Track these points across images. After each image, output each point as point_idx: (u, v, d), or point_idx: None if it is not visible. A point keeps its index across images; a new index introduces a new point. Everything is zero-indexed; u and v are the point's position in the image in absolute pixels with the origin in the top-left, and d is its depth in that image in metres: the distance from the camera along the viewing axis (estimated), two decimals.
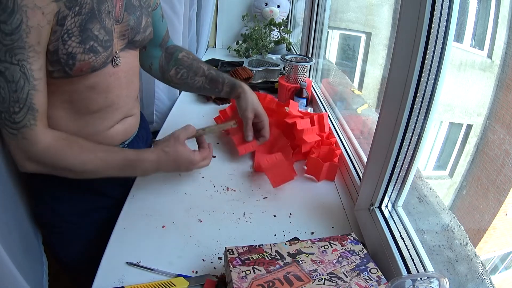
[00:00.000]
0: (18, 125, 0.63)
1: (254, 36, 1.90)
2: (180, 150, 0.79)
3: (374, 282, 0.56)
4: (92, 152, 0.71)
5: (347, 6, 1.78)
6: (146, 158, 0.77)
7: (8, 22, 0.57)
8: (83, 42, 0.66)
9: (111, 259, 0.66)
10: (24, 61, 0.60)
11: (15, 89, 0.61)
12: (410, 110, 0.62)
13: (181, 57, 1.00)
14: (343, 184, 0.95)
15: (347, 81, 1.52)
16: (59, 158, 0.68)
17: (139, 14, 0.79)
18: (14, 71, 0.60)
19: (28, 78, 0.61)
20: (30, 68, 0.61)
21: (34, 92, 0.63)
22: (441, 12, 0.55)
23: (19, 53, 0.59)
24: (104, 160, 0.72)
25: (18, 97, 0.61)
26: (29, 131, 0.64)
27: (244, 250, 0.61)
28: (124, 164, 0.74)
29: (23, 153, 0.66)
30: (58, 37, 0.63)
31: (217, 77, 1.00)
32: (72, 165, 0.69)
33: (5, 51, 0.58)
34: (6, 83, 0.60)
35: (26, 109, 0.63)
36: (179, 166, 0.80)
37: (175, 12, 1.33)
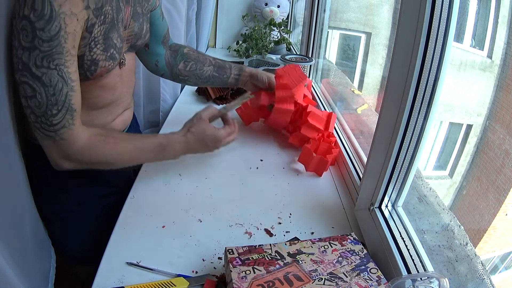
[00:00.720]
0: (56, 127, 0.65)
1: (254, 36, 1.90)
2: (205, 128, 0.84)
3: (374, 282, 0.56)
4: (128, 142, 0.75)
5: (347, 6, 1.78)
6: (175, 140, 0.81)
7: (46, 29, 0.58)
8: (106, 50, 0.70)
9: (111, 259, 0.66)
10: (61, 65, 0.62)
11: (53, 92, 0.62)
12: (410, 110, 0.62)
13: (187, 51, 1.05)
14: (343, 184, 0.95)
15: (347, 81, 1.52)
16: (97, 154, 0.71)
17: (142, 21, 0.84)
18: (52, 76, 0.61)
19: (66, 80, 0.63)
20: (67, 71, 0.63)
21: (72, 93, 0.65)
22: (441, 12, 0.55)
23: (57, 58, 0.61)
24: (139, 148, 0.77)
25: (56, 99, 0.63)
26: (67, 132, 0.66)
27: (244, 250, 0.61)
28: (157, 149, 0.79)
29: (60, 153, 0.68)
30: (86, 44, 0.66)
31: (224, 64, 1.07)
32: (110, 158, 0.73)
33: (42, 57, 0.59)
34: (43, 88, 0.61)
35: (65, 110, 0.65)
36: (207, 143, 0.84)
37: (178, 11, 1.33)
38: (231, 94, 1.41)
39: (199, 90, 1.45)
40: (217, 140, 0.85)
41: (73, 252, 0.93)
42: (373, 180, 0.72)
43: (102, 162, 0.73)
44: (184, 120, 1.07)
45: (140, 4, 0.83)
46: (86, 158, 0.70)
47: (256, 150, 1.07)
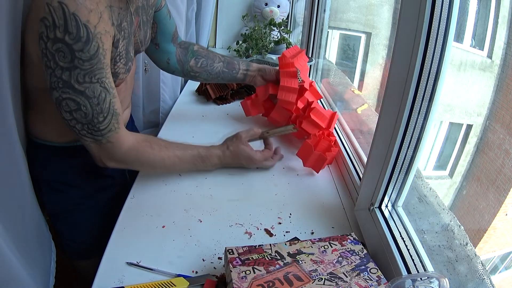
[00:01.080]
0: (104, 131, 0.69)
1: (254, 36, 1.90)
2: (241, 148, 0.89)
3: (374, 282, 0.56)
4: (170, 150, 0.80)
5: (347, 6, 1.78)
6: (214, 153, 0.87)
7: (85, 49, 0.61)
8: (126, 63, 0.74)
9: (111, 259, 0.66)
10: (103, 77, 0.65)
11: (97, 102, 0.66)
12: (410, 110, 0.62)
13: (197, 49, 1.09)
14: (343, 184, 0.95)
15: (347, 81, 1.52)
16: (142, 157, 0.76)
17: (146, 29, 0.88)
18: (95, 88, 0.65)
19: (108, 89, 0.67)
20: (108, 81, 0.67)
21: (114, 99, 0.69)
22: (441, 12, 0.55)
23: (98, 73, 0.64)
24: (180, 157, 0.82)
25: (101, 108, 0.67)
26: (114, 135, 0.71)
27: (244, 250, 0.61)
28: (196, 160, 0.84)
29: (107, 155, 0.73)
30: (112, 58, 0.70)
31: (232, 60, 1.12)
32: (153, 162, 0.78)
33: (84, 75, 0.63)
34: (88, 100, 0.65)
35: (111, 116, 0.69)
36: (241, 162, 0.90)
37: (178, 11, 1.34)
38: (231, 94, 1.41)
39: (199, 90, 1.45)
40: (251, 160, 0.90)
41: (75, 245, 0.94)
42: (373, 180, 0.72)
43: (145, 165, 0.79)
44: (185, 120, 1.08)
45: (146, 12, 0.86)
46: (132, 160, 0.76)
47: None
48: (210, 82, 1.39)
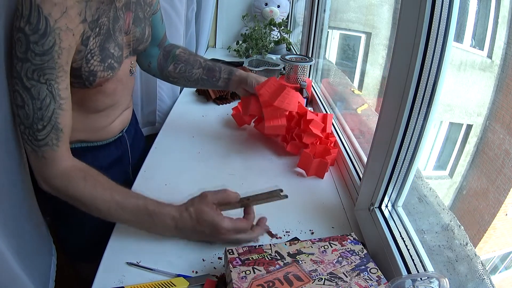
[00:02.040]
0: (40, 143, 0.63)
1: (254, 36, 1.90)
2: (204, 210, 0.66)
3: (374, 282, 0.56)
4: (108, 192, 0.66)
5: (347, 6, 1.78)
6: (167, 212, 0.67)
7: (40, 43, 0.57)
8: (103, 60, 0.69)
9: (111, 259, 0.66)
10: (52, 80, 0.60)
11: (40, 106, 0.61)
12: (410, 110, 0.62)
13: (179, 53, 1.04)
14: (343, 184, 0.95)
15: (347, 81, 1.52)
16: (72, 188, 0.65)
17: (144, 26, 0.85)
18: (41, 89, 0.60)
19: (55, 97, 0.62)
20: (57, 87, 0.62)
21: (59, 111, 0.63)
22: (441, 12, 0.55)
23: (48, 73, 0.60)
24: (120, 203, 0.66)
25: (42, 115, 0.61)
26: (50, 151, 0.64)
27: (244, 250, 0.61)
28: (142, 213, 0.67)
29: (39, 172, 0.65)
30: (83, 57, 0.66)
31: (214, 66, 1.03)
32: (84, 199, 0.66)
33: (33, 70, 0.59)
34: (31, 100, 0.60)
35: (50, 128, 0.63)
36: (203, 229, 0.67)
37: (177, 12, 1.33)
38: (231, 94, 1.41)
39: (199, 90, 1.45)
40: (218, 232, 0.66)
41: (79, 249, 0.93)
42: (373, 180, 0.72)
43: (76, 199, 0.66)
44: (185, 120, 1.07)
45: (142, 8, 0.83)
46: (61, 187, 0.66)
47: (257, 150, 1.07)
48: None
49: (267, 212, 0.81)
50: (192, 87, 1.12)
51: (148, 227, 0.69)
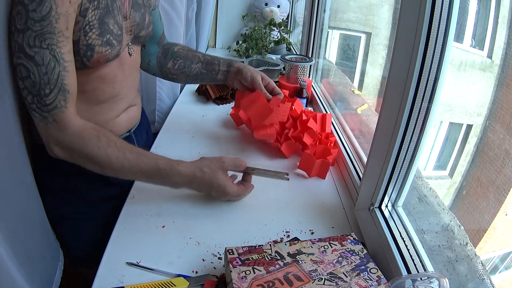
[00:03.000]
0: (49, 107, 0.64)
1: (254, 36, 1.90)
2: (218, 176, 0.76)
3: (374, 282, 0.56)
4: (120, 150, 0.70)
5: (347, 6, 1.78)
6: (179, 171, 0.73)
7: (38, 10, 0.59)
8: (102, 34, 0.70)
9: (111, 259, 0.66)
10: (53, 45, 0.62)
11: (45, 71, 0.62)
12: (410, 110, 0.62)
13: (177, 50, 1.04)
14: (343, 184, 0.95)
15: (347, 81, 1.52)
16: (86, 146, 0.68)
17: (143, 12, 0.85)
18: (44, 55, 0.62)
19: (59, 60, 0.63)
20: (60, 51, 0.63)
21: (65, 73, 0.64)
22: (441, 12, 0.55)
23: (49, 37, 0.61)
24: (131, 161, 0.70)
25: (49, 78, 0.63)
26: (60, 114, 0.65)
27: (244, 250, 0.61)
28: (153, 172, 0.72)
29: (53, 137, 0.67)
30: (81, 28, 0.66)
31: (213, 59, 1.03)
32: (97, 157, 0.68)
33: (34, 37, 0.60)
34: (36, 67, 0.62)
35: (57, 90, 0.64)
36: (211, 190, 0.77)
37: (177, 12, 1.33)
38: (231, 94, 1.41)
39: (199, 90, 1.45)
40: (224, 193, 0.78)
41: (80, 253, 0.92)
42: (373, 180, 0.72)
43: (91, 158, 0.69)
44: (184, 120, 1.07)
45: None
46: (76, 148, 0.68)
47: (257, 150, 1.07)
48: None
49: (267, 212, 0.81)
50: (192, 82, 1.11)
51: (158, 182, 0.75)
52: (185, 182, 0.75)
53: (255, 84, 0.99)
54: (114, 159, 0.69)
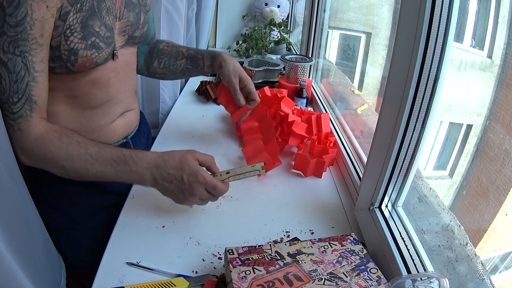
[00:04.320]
0: (15, 115, 0.64)
1: (254, 36, 1.90)
2: (189, 158, 0.69)
3: (374, 282, 0.56)
4: (83, 146, 0.67)
5: (347, 6, 1.78)
6: (144, 155, 0.68)
7: (14, 14, 0.58)
8: (85, 38, 0.68)
9: (111, 259, 0.66)
10: (26, 52, 0.61)
11: (16, 79, 0.62)
12: (410, 110, 0.62)
13: (162, 47, 1.02)
14: (343, 184, 0.95)
15: (347, 81, 1.52)
16: (49, 151, 0.65)
17: (138, 11, 0.82)
18: (16, 62, 0.61)
19: (29, 69, 0.63)
20: (31, 60, 0.62)
21: (33, 83, 0.64)
22: (441, 12, 0.55)
23: (22, 44, 0.60)
24: (94, 155, 0.66)
25: (18, 87, 0.62)
26: (24, 122, 0.64)
27: (244, 250, 0.61)
28: (117, 161, 0.67)
29: (18, 145, 0.66)
30: (61, 33, 0.65)
31: (196, 54, 1.00)
32: (61, 159, 0.66)
33: (8, 42, 0.60)
34: (8, 74, 0.61)
35: (24, 100, 0.63)
36: (182, 176, 0.68)
37: (177, 11, 1.33)
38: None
39: (199, 90, 1.45)
40: (195, 178, 0.68)
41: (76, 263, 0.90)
42: (373, 180, 0.72)
43: (54, 162, 0.66)
44: (184, 121, 1.07)
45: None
46: (39, 154, 0.65)
47: None
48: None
49: (267, 212, 0.81)
50: (180, 78, 1.09)
51: (122, 174, 0.68)
52: (153, 166, 0.68)
53: (230, 87, 0.95)
54: (77, 157, 0.66)
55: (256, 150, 0.93)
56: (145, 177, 0.68)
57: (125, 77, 0.83)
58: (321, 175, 0.96)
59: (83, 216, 0.85)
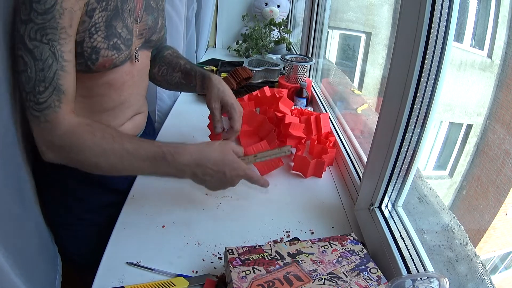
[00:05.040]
0: (42, 106, 0.60)
1: (254, 36, 1.90)
2: (228, 151, 0.70)
3: (374, 282, 0.56)
4: (117, 142, 0.65)
5: (347, 6, 1.78)
6: (184, 151, 0.67)
7: (42, 1, 0.57)
8: (108, 38, 0.67)
9: (111, 259, 0.66)
10: (55, 41, 0.59)
11: (42, 67, 0.59)
12: (410, 110, 0.62)
13: (166, 54, 0.99)
14: (343, 184, 0.95)
15: (347, 81, 1.52)
16: (80, 145, 0.63)
17: (157, 15, 0.82)
18: (43, 50, 0.59)
19: (57, 58, 0.60)
20: (60, 49, 0.60)
21: (62, 72, 0.61)
22: (441, 12, 0.55)
23: (51, 33, 0.58)
24: (131, 151, 0.65)
25: (44, 75, 0.59)
26: (52, 113, 0.61)
27: (244, 250, 0.61)
28: (156, 157, 0.66)
29: (45, 139, 0.63)
30: (86, 29, 0.63)
31: (190, 70, 0.96)
32: (94, 154, 0.63)
33: (36, 30, 0.58)
34: (34, 61, 0.59)
35: (52, 89, 0.61)
36: (224, 168, 0.69)
37: (177, 12, 1.33)
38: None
39: None
40: (237, 172, 0.70)
41: (79, 259, 0.91)
42: (373, 180, 0.72)
43: (85, 156, 0.64)
44: (185, 120, 1.06)
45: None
46: (68, 147, 0.63)
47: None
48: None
49: (267, 212, 0.81)
50: (175, 90, 1.06)
51: (162, 169, 0.68)
52: (194, 160, 0.67)
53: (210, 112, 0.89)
54: (112, 154, 0.64)
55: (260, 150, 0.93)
56: (185, 172, 0.69)
57: (139, 80, 0.82)
58: (321, 175, 0.96)
59: (88, 212, 0.86)
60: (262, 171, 0.89)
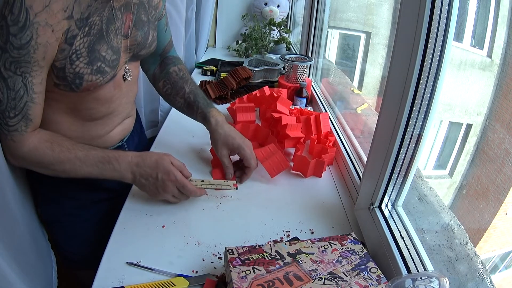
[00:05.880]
0: (10, 128, 0.65)
1: (254, 35, 1.90)
2: (165, 159, 0.75)
3: (374, 281, 0.56)
4: (72, 152, 0.71)
5: (346, 5, 1.78)
6: (126, 154, 0.75)
7: (18, 36, 0.58)
8: (91, 63, 0.68)
9: (111, 259, 0.66)
10: (27, 73, 0.62)
11: (14, 97, 0.63)
12: (410, 109, 0.62)
13: (172, 71, 0.97)
14: (343, 184, 0.95)
15: (347, 81, 1.52)
16: (41, 159, 0.69)
17: (147, 30, 0.81)
18: (16, 81, 0.62)
19: (28, 90, 0.63)
20: (31, 81, 0.63)
21: (31, 104, 0.65)
22: (441, 12, 0.55)
23: (24, 66, 0.61)
24: (82, 158, 0.72)
25: (15, 105, 0.64)
26: (19, 136, 0.66)
27: (244, 250, 0.61)
28: (101, 161, 0.73)
29: (9, 152, 0.68)
30: (66, 56, 0.64)
31: (193, 103, 0.95)
32: (52, 165, 0.71)
33: (10, 62, 0.60)
34: (7, 90, 0.62)
35: (21, 117, 0.65)
36: (157, 171, 0.74)
37: (178, 11, 1.34)
38: (231, 94, 1.41)
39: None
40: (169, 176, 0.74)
41: (73, 255, 0.92)
42: (373, 179, 0.72)
43: (46, 167, 0.71)
44: (184, 120, 1.07)
45: (146, 11, 0.79)
46: (31, 161, 0.70)
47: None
48: None
49: (267, 212, 0.81)
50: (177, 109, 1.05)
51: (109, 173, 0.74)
52: (133, 165, 0.74)
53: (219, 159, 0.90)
54: (67, 163, 0.71)
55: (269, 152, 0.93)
56: (126, 174, 0.75)
57: (128, 91, 0.83)
58: (321, 175, 0.96)
59: (78, 209, 0.88)
60: (272, 173, 0.90)
